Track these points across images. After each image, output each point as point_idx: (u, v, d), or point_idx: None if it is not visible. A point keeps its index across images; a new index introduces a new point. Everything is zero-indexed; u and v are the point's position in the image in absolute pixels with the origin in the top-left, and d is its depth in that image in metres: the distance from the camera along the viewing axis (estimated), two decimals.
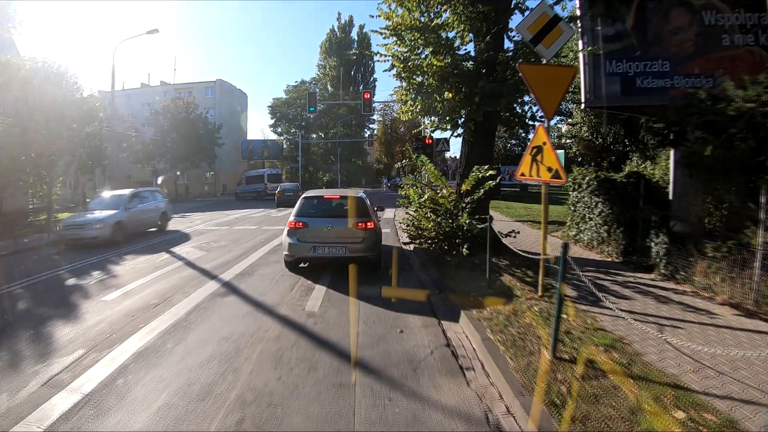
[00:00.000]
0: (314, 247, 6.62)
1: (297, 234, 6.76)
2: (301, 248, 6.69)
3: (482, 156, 8.18)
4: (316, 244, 6.61)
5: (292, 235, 6.79)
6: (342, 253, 6.57)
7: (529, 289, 5.99)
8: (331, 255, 6.60)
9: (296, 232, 6.76)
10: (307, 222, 6.75)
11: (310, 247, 6.62)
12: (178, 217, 19.47)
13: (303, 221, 6.77)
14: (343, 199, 7.38)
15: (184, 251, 9.56)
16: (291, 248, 6.75)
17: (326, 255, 6.60)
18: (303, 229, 6.73)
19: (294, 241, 6.73)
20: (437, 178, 7.08)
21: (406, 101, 8.19)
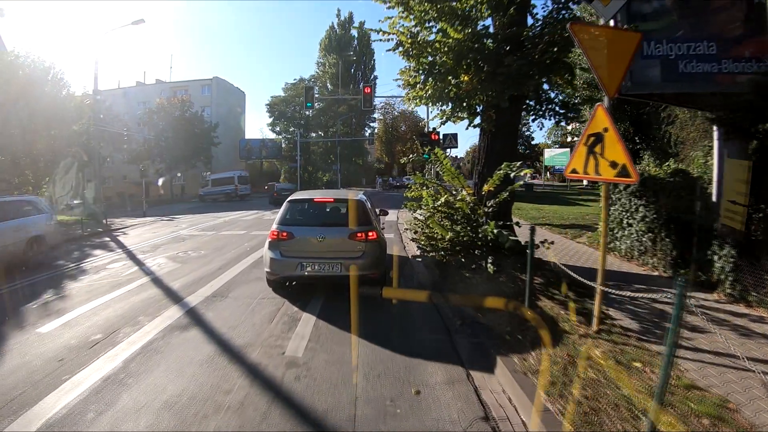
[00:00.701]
0: (302, 263, 5.30)
1: (280, 247, 5.44)
2: (285, 265, 5.38)
3: (505, 149, 6.86)
4: (304, 260, 5.31)
5: (274, 248, 5.47)
6: (337, 271, 5.26)
7: (578, 319, 4.65)
8: (322, 274, 5.29)
9: (279, 244, 5.44)
10: (293, 232, 5.44)
11: (297, 264, 5.31)
12: (166, 219, 18.22)
13: (288, 231, 5.45)
14: (339, 203, 6.11)
15: (156, 263, 8.22)
16: (273, 265, 5.43)
17: (317, 273, 5.29)
18: (288, 240, 5.42)
19: (276, 256, 5.41)
20: (454, 176, 5.73)
21: (414, 84, 6.84)
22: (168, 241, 11.12)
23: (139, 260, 8.72)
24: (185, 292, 6.05)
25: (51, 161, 24.83)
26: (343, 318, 4.73)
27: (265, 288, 5.93)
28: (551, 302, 5.18)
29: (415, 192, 6.58)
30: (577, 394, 3.08)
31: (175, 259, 8.45)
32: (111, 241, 11.95)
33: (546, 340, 4.03)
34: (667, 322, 4.42)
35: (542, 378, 3.32)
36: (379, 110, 61.53)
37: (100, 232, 14.26)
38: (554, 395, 3.05)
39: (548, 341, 4.01)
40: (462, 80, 6.47)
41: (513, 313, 4.71)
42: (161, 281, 6.80)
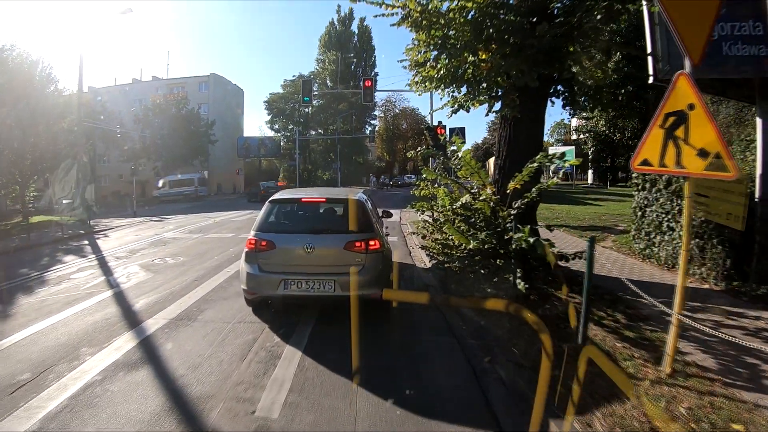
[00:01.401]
0: (285, 280, 4.23)
1: (259, 259, 4.38)
2: (264, 282, 4.32)
3: (531, 140, 5.80)
4: (288, 276, 4.25)
5: (251, 260, 4.41)
6: (329, 290, 4.20)
7: (642, 356, 3.61)
8: (311, 294, 4.23)
9: (257, 256, 4.38)
10: (275, 240, 4.36)
11: (279, 281, 4.24)
12: (155, 220, 17.22)
13: (268, 239, 4.37)
14: (333, 204, 5.10)
15: (126, 273, 7.18)
16: (250, 281, 4.37)
17: (304, 293, 4.23)
18: (268, 251, 4.34)
19: (254, 271, 4.35)
20: (474, 171, 4.64)
21: (422, 63, 5.78)
22: (148, 245, 10.07)
23: (110, 268, 7.68)
24: (147, 313, 5.00)
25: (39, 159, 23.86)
26: (337, 353, 3.67)
27: (243, 307, 4.87)
28: (601, 330, 4.13)
29: (425, 190, 5.50)
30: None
31: (149, 268, 7.39)
32: (88, 245, 10.92)
33: (609, 389, 2.98)
34: (747, 354, 3.44)
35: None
36: (379, 107, 60.58)
37: (82, 235, 13.26)
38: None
39: (612, 391, 2.96)
40: (480, 57, 5.41)
41: (557, 347, 3.65)
42: (124, 297, 5.75)
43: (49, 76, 25.13)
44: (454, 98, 6.63)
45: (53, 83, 25.19)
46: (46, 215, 19.48)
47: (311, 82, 19.75)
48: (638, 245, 7.69)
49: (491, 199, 4.47)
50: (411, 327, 4.44)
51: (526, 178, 4.80)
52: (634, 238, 7.85)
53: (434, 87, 6.07)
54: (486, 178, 4.78)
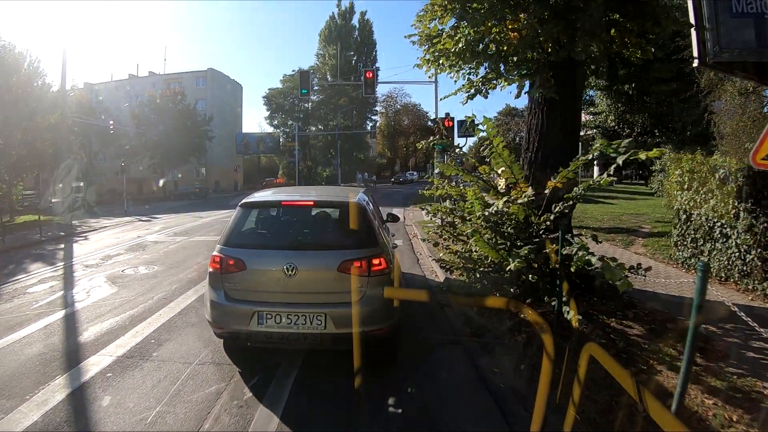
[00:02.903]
0: (259, 313, 3.16)
1: (225, 283, 3.31)
2: (232, 314, 3.26)
3: (566, 127, 4.78)
4: (263, 308, 3.17)
5: (216, 284, 3.36)
6: (318, 326, 3.12)
7: (742, 418, 2.59)
8: (294, 331, 3.14)
9: (223, 279, 3.31)
10: (246, 259, 3.29)
11: (251, 313, 3.16)
12: (144, 220, 16.25)
13: (237, 257, 3.30)
14: (325, 209, 4.08)
15: (89, 286, 6.18)
16: (215, 312, 3.32)
17: (285, 330, 3.14)
18: (237, 273, 3.28)
19: (219, 299, 3.29)
20: (507, 165, 3.57)
21: (436, 36, 4.73)
22: (126, 250, 9.07)
23: (73, 280, 6.68)
24: (95, 345, 3.99)
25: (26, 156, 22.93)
26: (329, 420, 2.66)
27: (211, 339, 3.84)
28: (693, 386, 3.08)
29: (441, 189, 4.44)
30: None
31: (116, 281, 6.38)
32: (62, 250, 9.93)
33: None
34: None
35: None
36: (380, 103, 59.44)
37: (61, 237, 12.27)
38: None
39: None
40: (507, 26, 4.37)
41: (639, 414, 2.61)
42: (75, 320, 4.74)
43: (36, 70, 24.15)
44: (470, 82, 5.61)
45: (41, 77, 24.23)
46: (36, 215, 18.48)
47: (309, 73, 18.66)
48: (681, 253, 6.66)
49: (527, 202, 3.42)
50: (429, 377, 3.39)
51: (571, 175, 3.78)
52: (677, 245, 6.81)
53: (450, 65, 5.02)
54: (520, 173, 3.74)
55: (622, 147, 3.00)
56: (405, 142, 62.81)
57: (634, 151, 2.83)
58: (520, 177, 3.77)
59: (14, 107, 20.93)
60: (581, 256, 2.81)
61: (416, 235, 10.39)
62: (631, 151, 2.84)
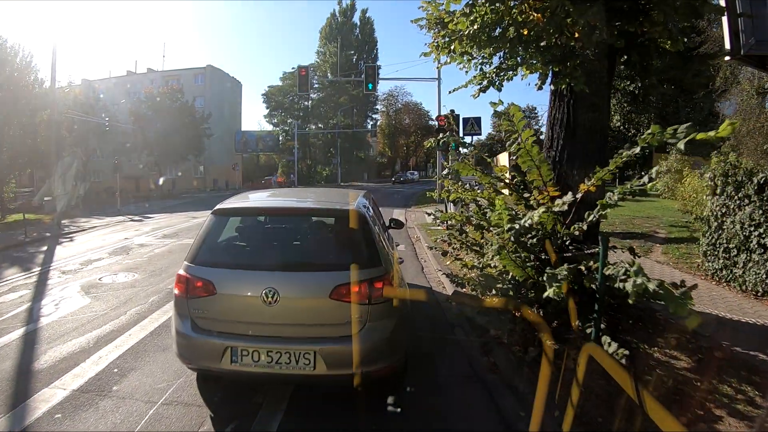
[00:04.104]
0: (233, 349, 2.58)
1: (193, 310, 2.72)
2: (200, 348, 2.68)
3: (595, 123, 4.19)
4: (237, 342, 2.59)
5: (181, 310, 2.77)
6: (306, 367, 2.53)
7: None
8: (276, 372, 2.56)
9: (191, 305, 2.72)
10: (216, 281, 2.69)
11: (223, 349, 2.59)
12: (136, 220, 15.67)
13: (205, 278, 2.71)
14: (316, 218, 3.45)
15: (60, 296, 5.59)
16: (181, 345, 2.75)
17: (264, 371, 2.57)
18: (206, 299, 2.69)
19: (185, 329, 2.71)
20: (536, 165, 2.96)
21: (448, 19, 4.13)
22: (109, 254, 8.48)
23: (45, 289, 6.08)
24: (50, 374, 3.40)
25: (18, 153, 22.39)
26: None
27: (182, 370, 3.25)
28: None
29: (454, 193, 3.83)
30: None
31: (90, 290, 5.79)
32: (43, 253, 9.34)
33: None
34: None
35: None
36: (381, 102, 58.82)
37: (46, 238, 11.67)
38: None
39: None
40: (530, 4, 3.78)
41: None
42: (35, 341, 4.14)
43: (29, 65, 23.61)
44: (482, 73, 5.03)
45: (34, 72, 23.67)
46: (31, 213, 17.88)
47: (308, 69, 18.06)
48: (712, 264, 6.07)
49: (559, 210, 2.82)
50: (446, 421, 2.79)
51: (608, 176, 3.19)
52: (706, 254, 6.22)
53: (462, 52, 4.43)
54: (549, 175, 3.14)
55: (681, 131, 2.40)
56: (406, 142, 62.21)
57: (701, 132, 2.22)
58: (549, 179, 3.18)
59: (5, 103, 20.37)
60: (639, 284, 2.21)
61: (419, 238, 9.80)
62: (695, 133, 2.24)
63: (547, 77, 4.08)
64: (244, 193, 3.98)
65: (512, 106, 2.72)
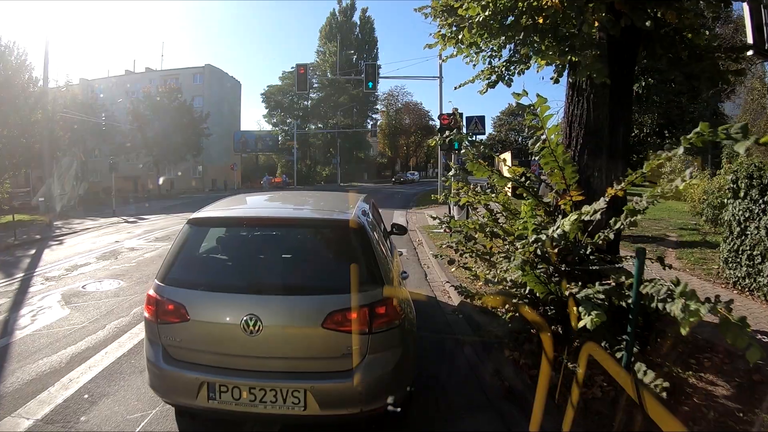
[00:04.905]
0: (209, 384, 2.19)
1: (164, 337, 2.35)
2: (173, 382, 2.30)
3: (617, 120, 3.84)
4: (213, 377, 2.20)
5: (153, 338, 2.40)
6: (295, 407, 2.15)
7: None
8: (259, 411, 2.17)
9: (162, 331, 2.35)
10: (189, 304, 2.29)
11: (199, 384, 2.19)
12: (131, 221, 15.31)
13: (177, 301, 2.31)
14: (307, 230, 2.84)
15: (39, 306, 5.23)
16: (152, 376, 2.38)
17: (245, 410, 2.19)
18: (178, 325, 2.30)
19: (157, 360, 2.33)
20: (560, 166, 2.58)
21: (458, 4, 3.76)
22: (97, 258, 8.11)
23: (25, 298, 5.71)
24: (14, 400, 3.02)
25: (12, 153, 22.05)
26: None
27: (158, 399, 2.89)
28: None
29: (466, 197, 3.45)
30: None
31: (71, 300, 5.42)
32: (30, 257, 8.97)
33: None
34: None
35: None
36: (381, 101, 58.45)
37: (36, 240, 11.32)
38: None
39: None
40: None
41: None
42: (4, 358, 3.76)
43: (23, 63, 23.27)
44: (491, 67, 4.69)
45: (28, 71, 23.32)
46: (26, 214, 17.51)
47: (307, 67, 17.69)
48: (734, 271, 5.71)
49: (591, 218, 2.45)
50: None
51: (639, 180, 2.83)
52: (728, 261, 5.86)
53: (470, 43, 4.06)
54: (573, 177, 2.77)
55: (736, 131, 2.03)
56: (406, 142, 61.84)
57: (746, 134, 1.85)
58: (573, 182, 2.82)
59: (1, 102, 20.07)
60: (694, 310, 1.84)
61: (421, 242, 9.44)
62: (754, 136, 1.87)
63: (565, 69, 3.71)
64: (235, 197, 3.58)
65: (539, 97, 2.36)
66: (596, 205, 2.41)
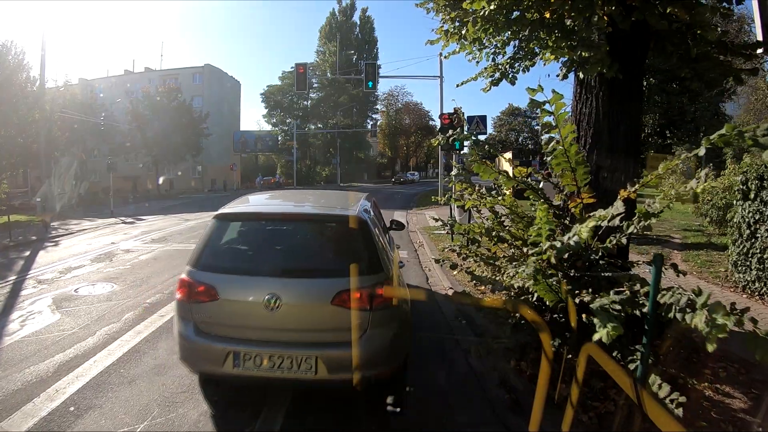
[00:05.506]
0: (236, 353, 2.60)
1: (195, 314, 2.72)
2: (203, 353, 2.69)
3: (627, 119, 3.70)
4: (240, 347, 2.61)
5: (184, 315, 2.77)
6: (307, 372, 2.55)
7: None
8: (278, 376, 2.58)
9: (194, 309, 2.72)
10: (218, 286, 2.68)
11: (226, 353, 2.60)
12: (128, 222, 15.15)
13: (208, 283, 2.69)
14: (318, 224, 3.22)
15: (29, 311, 5.07)
16: (184, 349, 2.76)
17: (266, 375, 2.59)
18: (208, 304, 2.69)
19: (188, 333, 2.71)
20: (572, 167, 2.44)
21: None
22: (91, 260, 7.95)
23: (16, 302, 5.56)
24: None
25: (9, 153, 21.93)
26: None
27: (148, 409, 2.74)
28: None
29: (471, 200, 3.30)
30: None
31: (63, 304, 5.26)
32: (24, 258, 8.81)
33: None
34: None
35: None
36: (381, 101, 58.28)
37: (31, 242, 11.15)
38: None
39: None
40: None
41: None
42: None
43: (21, 63, 23.13)
44: (495, 64, 4.54)
45: (26, 70, 23.19)
46: (23, 215, 17.35)
47: (306, 66, 17.53)
48: (743, 275, 5.56)
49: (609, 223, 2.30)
50: None
51: (654, 181, 2.69)
52: (737, 265, 5.71)
53: (473, 39, 3.92)
54: (585, 179, 2.62)
55: (764, 133, 1.88)
56: (406, 142, 61.68)
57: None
58: (584, 184, 2.67)
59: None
60: (721, 324, 1.69)
61: (422, 244, 9.29)
62: None
63: (574, 64, 3.56)
64: (244, 197, 3.85)
65: (554, 93, 2.21)
66: (613, 209, 2.26)
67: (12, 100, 21.08)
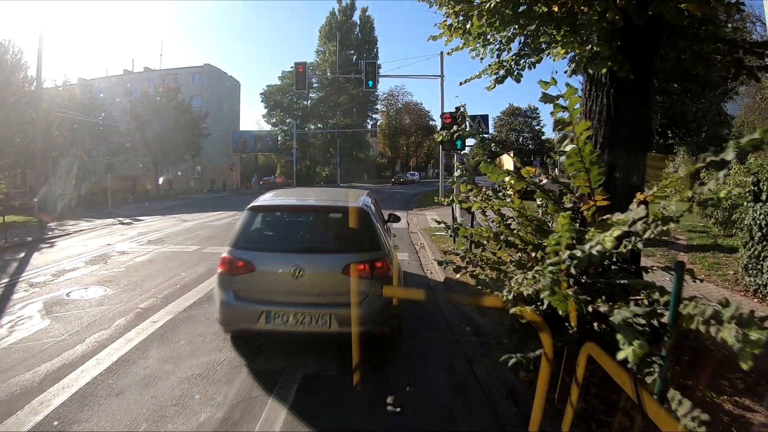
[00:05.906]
0: (267, 312, 3.39)
1: (234, 284, 3.51)
2: (241, 313, 3.49)
3: (637, 118, 3.54)
4: (271, 307, 3.41)
5: (225, 285, 3.54)
6: (324, 326, 3.38)
7: None
8: (301, 329, 3.39)
9: (233, 280, 3.51)
10: (254, 261, 3.51)
11: (260, 312, 3.40)
12: (125, 223, 15.00)
13: (246, 259, 3.52)
14: (329, 213, 4.21)
15: (18, 316, 4.91)
16: (224, 312, 3.54)
17: (292, 329, 3.40)
18: (245, 275, 3.49)
19: (229, 299, 3.49)
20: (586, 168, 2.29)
21: None
22: (86, 263, 7.79)
23: (6, 305, 5.39)
24: None
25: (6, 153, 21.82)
26: None
27: (135, 424, 2.58)
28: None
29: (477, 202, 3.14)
30: None
31: (53, 309, 5.09)
32: (18, 260, 8.65)
33: None
34: None
35: None
36: (381, 101, 58.10)
37: (27, 243, 11.00)
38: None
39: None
40: None
41: None
42: None
43: (19, 62, 22.99)
44: (499, 61, 4.40)
45: (23, 70, 23.04)
46: (20, 215, 17.17)
47: (306, 65, 17.37)
48: (754, 278, 5.41)
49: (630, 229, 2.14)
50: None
51: (674, 184, 2.53)
52: (747, 268, 5.55)
53: (478, 34, 3.76)
54: (599, 180, 2.46)
55: None
56: (406, 142, 61.52)
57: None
58: (598, 185, 2.51)
59: None
60: (756, 340, 1.53)
61: (423, 245, 9.13)
62: None
63: (584, 59, 3.40)
64: (265, 195, 4.39)
65: (569, 87, 2.05)
66: (633, 213, 2.09)
67: (10, 100, 20.93)
